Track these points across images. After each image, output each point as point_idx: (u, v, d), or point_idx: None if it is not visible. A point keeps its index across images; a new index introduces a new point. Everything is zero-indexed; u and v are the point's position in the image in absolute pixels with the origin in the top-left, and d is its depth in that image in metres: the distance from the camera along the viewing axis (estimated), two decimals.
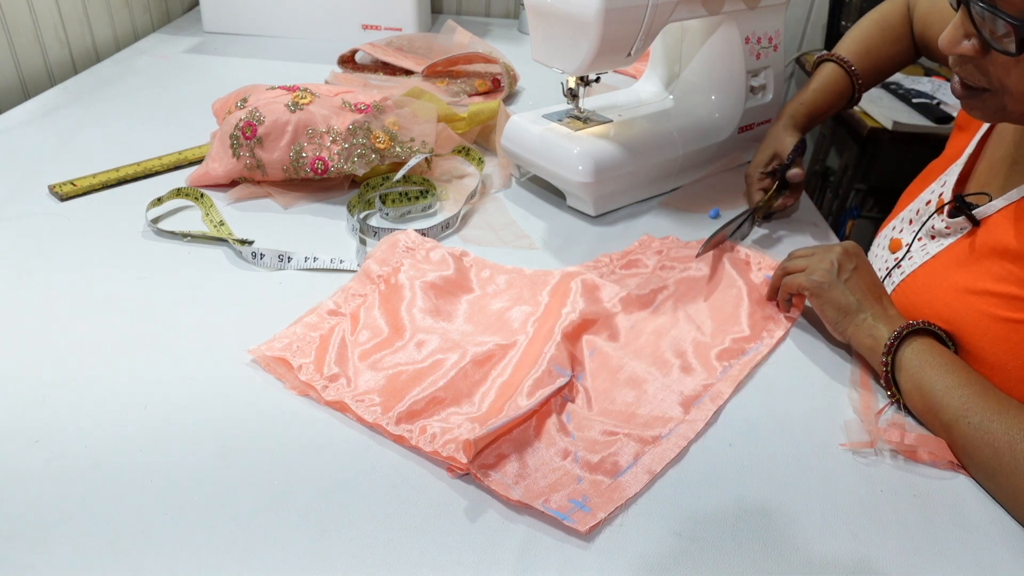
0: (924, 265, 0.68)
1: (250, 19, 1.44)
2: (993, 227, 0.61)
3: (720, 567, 0.46)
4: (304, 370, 0.58)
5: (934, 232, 0.68)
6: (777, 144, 0.87)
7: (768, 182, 0.87)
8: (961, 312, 0.60)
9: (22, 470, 0.49)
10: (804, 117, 0.88)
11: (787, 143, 0.86)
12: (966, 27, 0.55)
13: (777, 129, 0.88)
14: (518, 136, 0.89)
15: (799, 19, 1.76)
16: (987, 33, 0.53)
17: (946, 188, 0.70)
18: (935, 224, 0.68)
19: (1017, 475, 0.50)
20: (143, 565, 0.43)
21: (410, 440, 0.53)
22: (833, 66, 0.89)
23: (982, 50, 0.54)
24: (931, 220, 0.69)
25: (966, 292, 0.61)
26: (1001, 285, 0.58)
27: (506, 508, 0.49)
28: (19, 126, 0.99)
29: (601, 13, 0.72)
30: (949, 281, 0.63)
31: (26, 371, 0.57)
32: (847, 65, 0.88)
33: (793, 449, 0.55)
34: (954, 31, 0.56)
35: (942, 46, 0.57)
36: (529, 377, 0.56)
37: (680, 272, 0.75)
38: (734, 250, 0.79)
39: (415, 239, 0.74)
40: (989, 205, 0.62)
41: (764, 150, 0.88)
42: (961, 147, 0.72)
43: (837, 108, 0.91)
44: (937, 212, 0.68)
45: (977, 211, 0.63)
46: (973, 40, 0.55)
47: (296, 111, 0.83)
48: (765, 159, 0.88)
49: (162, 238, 0.76)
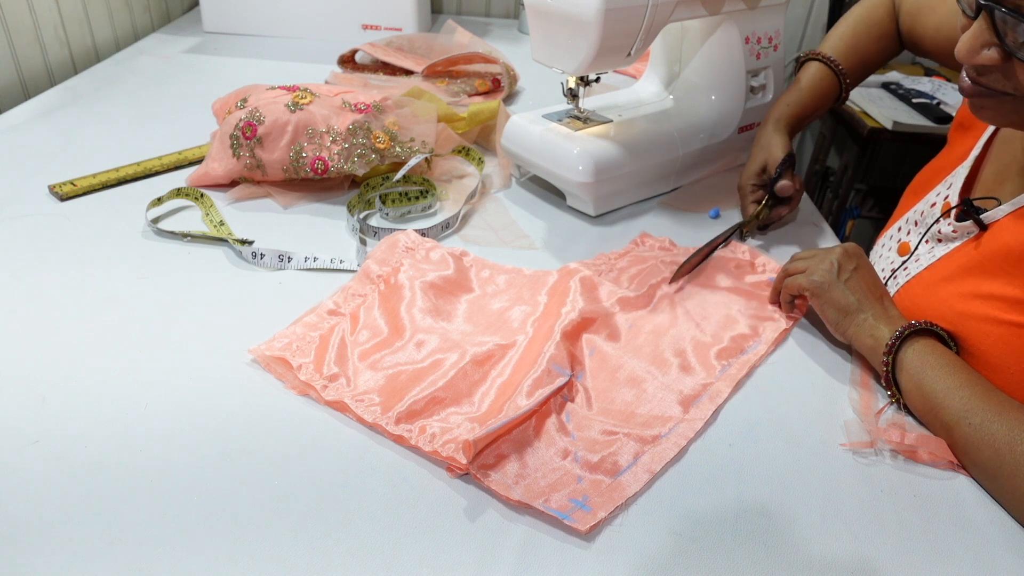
0: (929, 268, 0.67)
1: (250, 19, 1.44)
2: (1000, 231, 0.61)
3: (720, 567, 0.46)
4: (304, 370, 0.58)
5: (940, 236, 0.68)
6: (767, 153, 0.84)
7: (761, 193, 0.85)
8: (965, 315, 0.60)
9: (22, 470, 0.49)
10: (792, 119, 0.86)
11: (776, 152, 0.84)
12: (985, 35, 0.52)
13: (765, 135, 0.86)
14: (518, 136, 0.89)
15: (799, 19, 1.76)
16: (1010, 41, 0.51)
17: (952, 191, 0.69)
18: (941, 228, 0.67)
19: (1018, 476, 0.50)
20: (143, 565, 0.43)
21: (410, 440, 0.53)
22: (819, 65, 0.87)
23: (1003, 59, 0.52)
24: (937, 224, 0.68)
25: (971, 296, 0.60)
26: (1007, 289, 0.58)
27: (506, 508, 0.49)
28: (19, 126, 0.99)
29: (601, 13, 0.72)
30: (954, 284, 0.63)
31: (26, 371, 0.57)
32: (833, 64, 0.86)
33: (793, 449, 0.55)
34: (972, 40, 0.53)
35: (960, 56, 0.54)
36: (528, 377, 0.56)
37: None
38: (737, 251, 0.79)
39: (415, 239, 0.74)
40: (997, 209, 0.62)
41: (754, 159, 0.86)
42: (965, 148, 0.72)
43: (825, 109, 0.89)
44: (943, 216, 0.68)
45: (985, 215, 0.63)
46: (993, 49, 0.52)
47: (296, 111, 0.83)
48: (756, 169, 0.85)
49: (162, 238, 0.76)
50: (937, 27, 0.80)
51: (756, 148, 0.86)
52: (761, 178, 0.84)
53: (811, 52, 0.88)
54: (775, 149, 0.84)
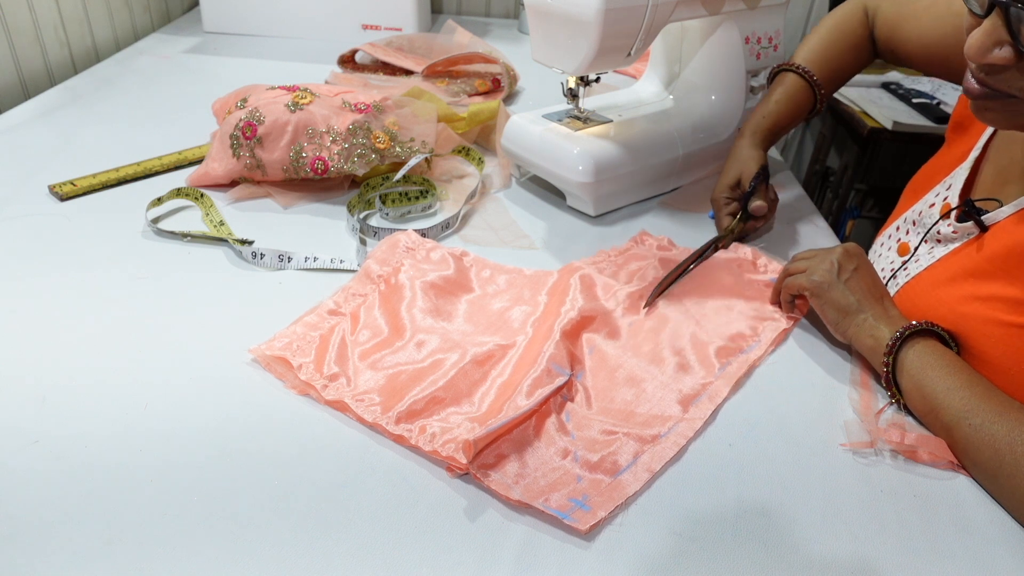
0: (929, 268, 0.67)
1: (250, 19, 1.44)
2: (1002, 232, 0.61)
3: (720, 567, 0.46)
4: (304, 369, 0.58)
5: (940, 237, 0.67)
6: (741, 166, 0.83)
7: (735, 206, 0.83)
8: (966, 316, 0.60)
9: (22, 470, 0.49)
10: (767, 132, 0.85)
11: (751, 166, 0.82)
12: (998, 33, 0.51)
13: (741, 148, 0.84)
14: (518, 136, 0.89)
15: (799, 19, 1.76)
16: None
17: (952, 192, 0.69)
18: (941, 229, 0.67)
19: (1018, 477, 0.50)
20: (143, 565, 0.43)
21: (410, 440, 0.53)
22: (794, 76, 0.86)
23: (1016, 58, 0.51)
24: (937, 225, 0.68)
25: (972, 297, 0.60)
26: (1009, 290, 0.57)
27: (506, 508, 0.49)
28: (19, 126, 0.99)
29: (601, 13, 0.72)
30: (955, 286, 0.63)
31: (26, 371, 0.57)
32: (808, 75, 0.85)
33: (793, 449, 0.55)
34: (984, 39, 0.51)
35: (971, 55, 0.53)
36: (528, 377, 0.56)
37: None
38: (739, 251, 0.79)
39: (415, 239, 0.74)
40: (999, 211, 0.61)
41: (728, 172, 0.84)
42: (963, 149, 0.71)
43: (799, 120, 0.87)
44: (943, 217, 0.68)
45: (987, 216, 0.62)
46: (1006, 48, 0.50)
47: (296, 111, 0.83)
48: (730, 182, 0.83)
49: (162, 238, 0.76)
50: (920, 35, 0.79)
51: (731, 161, 0.85)
52: (735, 192, 0.83)
53: (785, 63, 0.87)
54: (750, 162, 0.83)
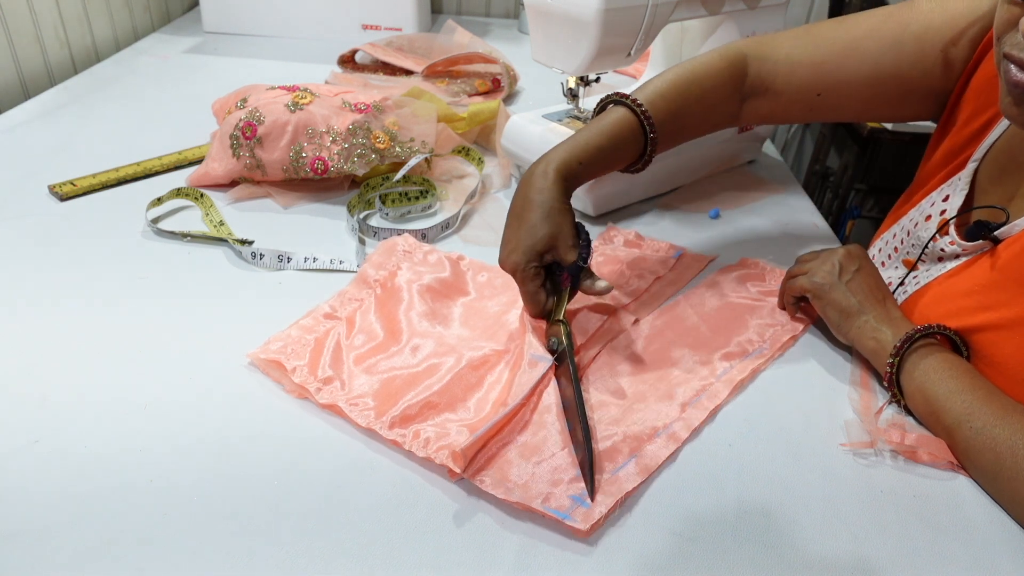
0: (938, 282, 0.65)
1: (250, 19, 1.44)
2: (1015, 245, 0.58)
3: (720, 567, 0.46)
4: (298, 372, 0.58)
5: (943, 254, 0.65)
6: (552, 224, 0.59)
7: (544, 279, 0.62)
8: (976, 328, 0.58)
9: (22, 470, 0.49)
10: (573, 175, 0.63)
11: (566, 226, 0.60)
12: None
13: (550, 198, 0.60)
14: (518, 136, 0.89)
15: (799, 19, 1.76)
16: None
17: (949, 205, 0.66)
18: (944, 247, 0.65)
19: (1018, 480, 0.50)
20: (143, 565, 0.43)
21: (403, 445, 0.52)
22: (624, 111, 0.66)
23: None
24: (939, 242, 0.65)
25: (982, 308, 0.58)
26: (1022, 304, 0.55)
27: (505, 508, 0.49)
28: (19, 126, 0.99)
29: (601, 13, 0.72)
30: (966, 299, 0.60)
31: (26, 371, 0.57)
32: (642, 113, 0.65)
33: (793, 449, 0.55)
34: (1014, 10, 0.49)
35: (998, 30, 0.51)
36: (517, 379, 0.57)
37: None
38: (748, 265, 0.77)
39: (412, 244, 0.74)
40: (1012, 225, 0.59)
41: (537, 232, 0.59)
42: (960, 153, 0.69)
43: (615, 167, 0.67)
44: (940, 233, 0.65)
45: (999, 231, 0.60)
46: None
47: (296, 111, 0.83)
48: (541, 246, 0.59)
49: (162, 238, 0.76)
50: (788, 55, 0.72)
51: (538, 214, 0.60)
52: (544, 259, 0.61)
53: (619, 94, 0.67)
54: (565, 223, 0.60)
